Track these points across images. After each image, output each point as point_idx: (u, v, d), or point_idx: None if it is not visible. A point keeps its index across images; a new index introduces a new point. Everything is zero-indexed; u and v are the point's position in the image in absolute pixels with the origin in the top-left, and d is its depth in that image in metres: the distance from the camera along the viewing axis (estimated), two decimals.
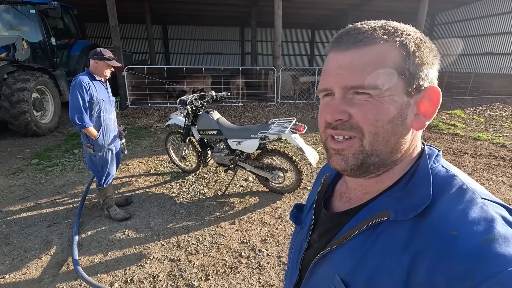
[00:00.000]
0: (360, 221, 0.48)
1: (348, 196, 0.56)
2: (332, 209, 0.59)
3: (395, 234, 0.43)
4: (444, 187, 0.44)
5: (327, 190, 0.62)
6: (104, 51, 2.54)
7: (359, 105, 0.45)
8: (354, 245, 0.47)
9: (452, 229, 0.39)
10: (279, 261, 2.35)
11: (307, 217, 0.63)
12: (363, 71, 0.44)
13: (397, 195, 0.47)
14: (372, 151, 0.46)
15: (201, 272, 2.23)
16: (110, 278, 2.19)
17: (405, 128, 0.46)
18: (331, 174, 0.64)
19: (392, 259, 0.42)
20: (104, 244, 2.56)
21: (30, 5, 6.26)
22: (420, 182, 0.45)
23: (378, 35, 0.44)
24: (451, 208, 0.41)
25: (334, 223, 0.54)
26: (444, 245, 0.38)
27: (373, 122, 0.44)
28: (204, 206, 3.16)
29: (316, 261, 0.53)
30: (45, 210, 3.08)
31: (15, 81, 5.20)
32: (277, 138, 2.96)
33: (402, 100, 0.44)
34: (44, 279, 2.19)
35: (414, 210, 0.43)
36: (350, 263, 0.47)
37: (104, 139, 2.68)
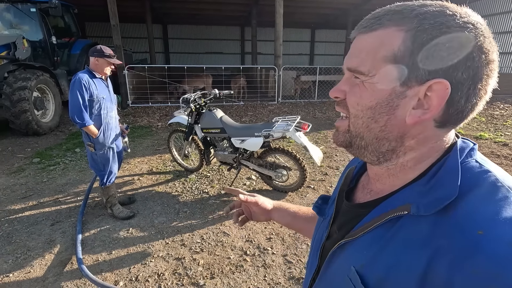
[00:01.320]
0: (380, 214, 0.47)
1: (370, 188, 0.55)
2: (354, 200, 0.58)
3: (415, 229, 0.42)
4: (475, 182, 0.41)
5: (351, 181, 0.62)
6: (105, 48, 2.52)
7: (351, 87, 0.47)
8: (372, 238, 0.46)
9: (478, 228, 0.36)
10: (284, 259, 2.34)
11: (330, 208, 0.63)
12: (357, 56, 0.45)
13: (421, 189, 0.45)
14: (355, 132, 0.48)
15: (207, 271, 2.22)
16: (115, 276, 2.18)
17: (392, 118, 0.44)
18: (356, 167, 0.64)
19: (410, 254, 0.41)
20: (108, 242, 2.55)
21: (31, 4, 6.24)
22: (446, 176, 0.43)
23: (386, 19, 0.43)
24: (480, 205, 0.39)
25: (354, 214, 0.53)
26: (467, 244, 0.36)
27: (355, 105, 0.46)
28: (208, 204, 3.14)
29: (333, 251, 0.53)
30: (48, 209, 3.07)
31: (16, 80, 5.18)
32: (282, 136, 2.95)
33: (391, 89, 0.43)
34: (48, 277, 2.17)
35: (437, 205, 0.41)
36: (366, 255, 0.46)
37: (105, 138, 2.66)
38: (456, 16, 0.41)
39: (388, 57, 0.42)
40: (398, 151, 0.47)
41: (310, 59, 18.28)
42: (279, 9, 7.89)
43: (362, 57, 0.44)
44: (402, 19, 0.41)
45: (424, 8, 0.41)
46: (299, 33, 17.44)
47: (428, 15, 0.40)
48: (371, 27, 0.44)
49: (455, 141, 0.48)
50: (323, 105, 8.69)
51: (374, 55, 0.43)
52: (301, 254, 2.39)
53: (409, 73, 0.41)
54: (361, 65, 0.44)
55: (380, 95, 0.43)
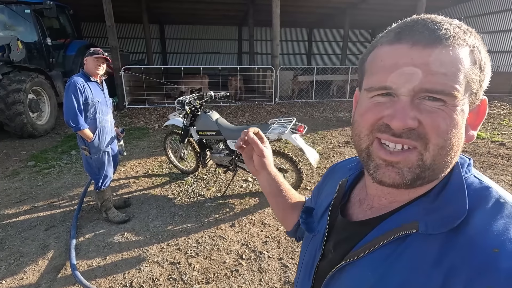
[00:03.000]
0: (384, 232, 0.44)
1: (370, 204, 0.52)
2: (350, 216, 0.54)
3: (425, 248, 0.40)
4: (480, 200, 0.41)
5: (343, 195, 0.58)
6: (93, 48, 2.51)
7: (430, 113, 0.39)
8: (377, 258, 0.44)
9: (494, 246, 0.36)
10: (280, 263, 2.32)
11: (320, 224, 0.59)
12: (444, 74, 0.38)
13: (428, 207, 0.43)
14: (431, 165, 0.41)
15: (202, 275, 2.20)
16: (109, 282, 2.16)
17: (462, 140, 0.42)
18: (349, 179, 0.59)
19: (422, 275, 0.39)
20: (102, 247, 2.52)
21: (25, 5, 6.19)
22: (454, 194, 0.42)
23: (460, 35, 0.40)
24: (490, 223, 0.38)
25: (353, 232, 0.50)
26: (483, 262, 0.36)
27: (443, 134, 0.40)
28: (204, 207, 3.12)
29: (332, 274, 0.50)
30: (42, 213, 3.04)
31: (10, 82, 5.13)
32: (277, 139, 2.93)
33: (467, 112, 0.41)
34: (42, 284, 2.15)
35: (448, 224, 0.40)
36: (372, 277, 0.43)
37: (100, 141, 2.63)
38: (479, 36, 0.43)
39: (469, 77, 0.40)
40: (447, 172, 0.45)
41: (308, 58, 18.27)
42: (276, 9, 7.87)
43: (450, 76, 0.38)
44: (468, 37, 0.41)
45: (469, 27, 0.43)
46: (296, 32, 17.43)
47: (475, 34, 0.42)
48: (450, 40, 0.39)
49: None
50: (320, 105, 8.68)
51: (464, 75, 0.39)
52: (297, 257, 2.38)
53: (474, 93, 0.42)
54: (454, 87, 0.38)
55: (463, 119, 0.41)
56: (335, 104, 8.83)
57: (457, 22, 0.42)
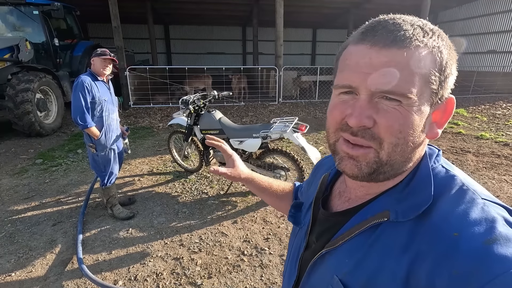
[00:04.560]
0: (360, 222, 0.47)
1: (348, 196, 0.55)
2: (331, 208, 0.57)
3: (395, 235, 0.43)
4: (445, 188, 0.43)
5: (325, 189, 0.61)
6: (100, 49, 2.59)
7: (385, 112, 0.42)
8: (353, 246, 0.47)
9: (454, 230, 0.38)
10: (281, 259, 2.36)
11: (306, 217, 0.62)
12: (399, 75, 0.40)
13: (398, 196, 0.46)
14: (387, 161, 0.44)
15: (204, 270, 2.25)
16: (114, 276, 2.22)
17: (422, 138, 0.44)
18: (330, 173, 0.62)
19: (392, 260, 0.42)
20: (108, 242, 2.59)
21: (33, 6, 6.31)
22: (421, 183, 0.45)
23: (419, 36, 0.41)
24: (452, 209, 0.41)
25: (333, 223, 0.53)
26: (445, 246, 0.38)
27: (397, 133, 0.42)
28: (207, 205, 3.18)
29: (314, 261, 0.53)
30: (50, 210, 3.12)
31: (19, 82, 5.25)
32: (279, 137, 2.98)
33: (426, 111, 0.43)
34: (50, 277, 2.22)
35: (414, 211, 0.42)
36: (348, 263, 0.46)
37: (106, 139, 2.70)
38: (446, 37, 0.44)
39: (427, 77, 0.41)
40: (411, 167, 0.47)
41: (312, 59, 18.27)
42: (280, 9, 7.91)
43: (405, 77, 0.40)
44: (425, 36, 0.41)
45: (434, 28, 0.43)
46: (300, 33, 17.45)
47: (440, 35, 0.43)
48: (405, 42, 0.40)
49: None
50: (323, 105, 8.70)
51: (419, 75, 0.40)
52: None
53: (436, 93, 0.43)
54: (408, 88, 0.40)
55: (420, 118, 0.42)
56: None
57: (421, 23, 0.42)
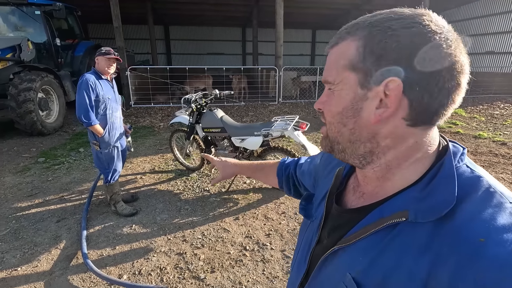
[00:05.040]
0: (376, 220, 0.47)
1: (361, 191, 0.55)
2: (345, 204, 0.58)
3: (414, 236, 0.42)
4: (470, 189, 0.41)
5: (340, 183, 0.61)
6: (104, 48, 2.63)
7: (326, 97, 0.50)
8: (368, 244, 0.46)
9: (480, 235, 0.37)
10: (283, 254, 2.41)
11: (318, 210, 0.62)
12: (327, 69, 0.49)
13: (418, 195, 0.44)
14: (332, 138, 0.51)
15: (207, 265, 2.29)
16: (119, 270, 2.26)
17: (358, 120, 0.46)
18: (345, 167, 0.62)
19: (410, 260, 0.41)
20: (111, 238, 2.63)
21: (35, 6, 6.35)
22: (443, 183, 0.43)
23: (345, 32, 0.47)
24: (477, 212, 0.39)
25: (346, 220, 0.53)
26: (470, 252, 0.36)
27: (328, 113, 0.50)
28: (209, 202, 3.22)
29: (325, 257, 0.52)
30: (53, 206, 3.15)
31: (21, 81, 5.28)
32: (280, 135, 3.02)
33: (353, 93, 0.45)
34: (55, 271, 2.26)
35: (436, 213, 0.40)
36: (362, 262, 0.46)
37: (110, 137, 2.75)
38: (403, 18, 0.42)
39: (346, 65, 0.46)
40: (376, 152, 0.47)
41: (311, 59, 18.34)
42: (280, 10, 7.97)
43: (329, 69, 0.49)
44: (357, 30, 0.45)
45: (375, 17, 0.45)
46: (300, 34, 17.52)
47: (377, 22, 0.44)
48: (335, 42, 0.48)
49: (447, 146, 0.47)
50: None
51: (336, 65, 0.47)
52: None
53: (364, 76, 0.44)
54: (328, 76, 0.49)
55: (345, 100, 0.47)
56: None
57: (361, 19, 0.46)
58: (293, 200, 3.24)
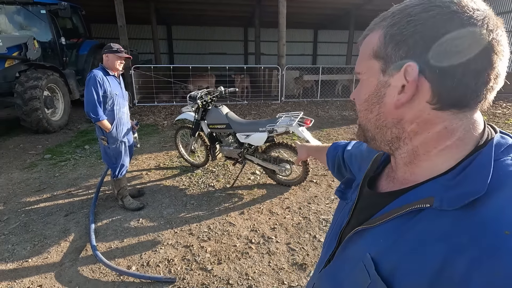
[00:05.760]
0: (401, 205, 0.47)
1: (393, 176, 0.55)
2: (377, 188, 0.59)
3: (436, 223, 0.41)
4: (506, 181, 0.39)
5: (377, 167, 0.63)
6: (113, 44, 2.67)
7: (357, 88, 0.54)
8: (390, 227, 0.47)
9: (505, 228, 0.35)
10: (288, 247, 2.45)
11: (353, 194, 0.64)
12: (358, 59, 0.52)
13: (448, 183, 0.43)
14: (362, 126, 0.54)
15: (214, 257, 2.34)
16: (127, 262, 2.31)
17: (382, 106, 0.48)
18: (384, 153, 0.63)
19: (428, 247, 0.40)
20: (119, 231, 2.67)
21: (41, 6, 6.42)
22: (476, 172, 0.41)
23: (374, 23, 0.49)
24: (508, 205, 0.37)
25: (374, 203, 0.54)
26: (492, 243, 0.35)
27: (357, 101, 0.53)
28: (214, 197, 3.26)
29: (350, 236, 0.54)
30: (61, 201, 3.21)
31: (28, 79, 5.35)
32: (285, 131, 3.06)
33: (377, 81, 0.48)
34: (65, 262, 2.30)
35: (462, 200, 0.39)
36: (383, 243, 0.46)
37: (117, 132, 2.79)
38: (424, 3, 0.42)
39: (371, 54, 0.49)
40: (403, 137, 0.49)
41: (313, 59, 18.37)
42: (282, 10, 8.01)
43: (359, 60, 0.52)
44: (382, 20, 0.48)
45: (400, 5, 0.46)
46: (302, 33, 17.55)
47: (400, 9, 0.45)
48: (365, 34, 0.51)
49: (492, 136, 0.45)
50: (325, 104, 8.78)
51: (363, 56, 0.51)
52: (304, 242, 2.50)
53: (386, 63, 0.46)
54: (358, 67, 0.53)
55: (370, 87, 0.50)
56: (341, 103, 8.93)
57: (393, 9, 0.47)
58: (297, 195, 3.28)
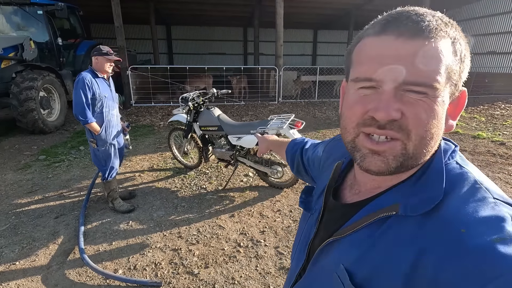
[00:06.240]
0: (368, 214, 0.48)
1: (358, 189, 0.55)
2: (342, 198, 0.58)
3: (403, 229, 0.43)
4: (456, 184, 0.43)
5: (338, 178, 0.61)
6: (103, 47, 2.66)
7: (412, 104, 0.41)
8: (360, 237, 0.47)
9: (462, 226, 0.38)
10: (276, 251, 2.44)
11: (317, 204, 0.63)
12: (427, 67, 0.39)
13: (408, 190, 0.45)
14: (413, 154, 0.43)
15: (201, 261, 2.33)
16: (115, 265, 2.30)
17: (442, 131, 0.45)
18: (344, 162, 0.62)
19: (398, 253, 0.42)
20: (108, 234, 2.67)
21: (38, 6, 6.42)
22: (433, 178, 0.44)
23: (442, 27, 0.41)
24: (461, 205, 0.40)
25: (342, 213, 0.54)
26: (452, 242, 0.38)
27: (424, 125, 0.41)
28: (205, 199, 3.26)
29: (321, 248, 0.54)
30: (52, 203, 3.21)
31: (23, 80, 5.35)
32: (276, 134, 3.05)
33: (447, 103, 0.43)
34: (52, 265, 2.30)
35: (424, 206, 0.42)
36: (355, 253, 0.47)
37: (106, 134, 2.79)
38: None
39: (450, 68, 0.41)
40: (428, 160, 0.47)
41: (313, 59, 18.34)
42: (280, 10, 7.99)
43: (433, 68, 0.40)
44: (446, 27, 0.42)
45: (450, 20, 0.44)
46: (301, 33, 17.52)
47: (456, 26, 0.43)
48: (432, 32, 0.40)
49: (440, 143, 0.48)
50: (323, 104, 8.76)
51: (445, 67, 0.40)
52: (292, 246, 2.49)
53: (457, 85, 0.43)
54: (436, 79, 0.40)
55: (443, 110, 0.43)
56: (338, 104, 8.90)
57: (439, 15, 0.43)
58: (289, 198, 3.27)
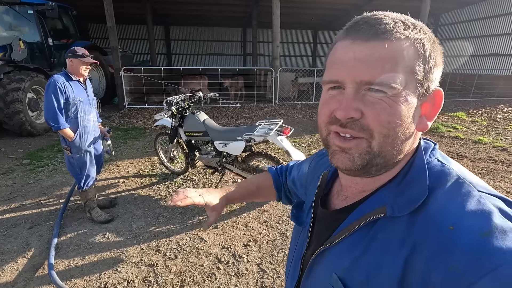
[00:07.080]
0: (357, 218, 0.47)
1: (345, 194, 0.55)
2: (330, 207, 0.58)
3: (392, 231, 0.43)
4: (440, 181, 0.43)
5: (325, 187, 0.61)
6: (78, 48, 2.49)
7: (372, 104, 0.42)
8: (351, 243, 0.47)
9: (449, 223, 0.38)
10: (259, 267, 2.27)
11: (308, 216, 0.62)
12: (382, 67, 0.41)
13: (393, 191, 0.46)
14: (379, 152, 0.44)
15: (177, 278, 2.17)
16: (84, 283, 2.14)
17: (411, 130, 0.44)
18: (329, 171, 0.61)
19: (390, 256, 0.41)
20: (82, 247, 2.51)
21: (28, 6, 6.30)
22: (416, 177, 0.45)
23: (400, 29, 0.42)
24: (447, 202, 0.41)
25: (332, 221, 0.53)
26: (441, 240, 0.38)
27: (386, 124, 0.42)
28: (189, 209, 3.09)
29: (313, 259, 0.53)
30: (29, 212, 3.05)
31: (10, 81, 5.22)
32: (263, 140, 2.89)
33: (413, 102, 0.43)
34: (18, 282, 2.14)
35: (410, 206, 0.42)
36: (347, 260, 0.46)
37: (81, 141, 2.62)
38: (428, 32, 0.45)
39: (411, 69, 0.41)
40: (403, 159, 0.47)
41: (313, 60, 18.17)
42: (276, 10, 7.83)
43: (388, 68, 0.41)
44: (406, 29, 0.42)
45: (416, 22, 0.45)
46: (301, 34, 17.36)
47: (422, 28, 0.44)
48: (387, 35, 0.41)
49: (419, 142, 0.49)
50: None
51: (402, 66, 0.41)
52: (277, 262, 2.32)
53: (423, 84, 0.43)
54: (392, 78, 0.40)
55: (408, 109, 0.42)
56: None
57: (402, 18, 0.44)
58: (277, 208, 3.10)
